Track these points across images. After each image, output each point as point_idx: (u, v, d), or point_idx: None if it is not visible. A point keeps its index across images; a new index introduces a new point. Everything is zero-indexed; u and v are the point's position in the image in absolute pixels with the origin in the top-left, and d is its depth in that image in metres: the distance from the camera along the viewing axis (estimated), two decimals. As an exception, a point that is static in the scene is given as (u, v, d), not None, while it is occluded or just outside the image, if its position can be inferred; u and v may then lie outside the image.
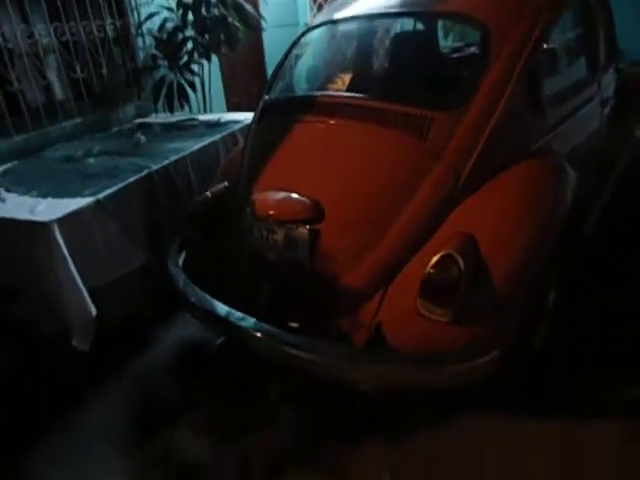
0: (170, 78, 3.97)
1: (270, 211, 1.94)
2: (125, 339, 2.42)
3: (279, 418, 1.98)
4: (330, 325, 1.81)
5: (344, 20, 2.52)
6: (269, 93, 2.47)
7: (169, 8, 3.97)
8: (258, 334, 1.78)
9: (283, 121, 2.21)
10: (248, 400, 2.05)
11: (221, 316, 1.90)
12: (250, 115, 2.59)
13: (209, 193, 2.33)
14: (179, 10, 3.93)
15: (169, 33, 3.94)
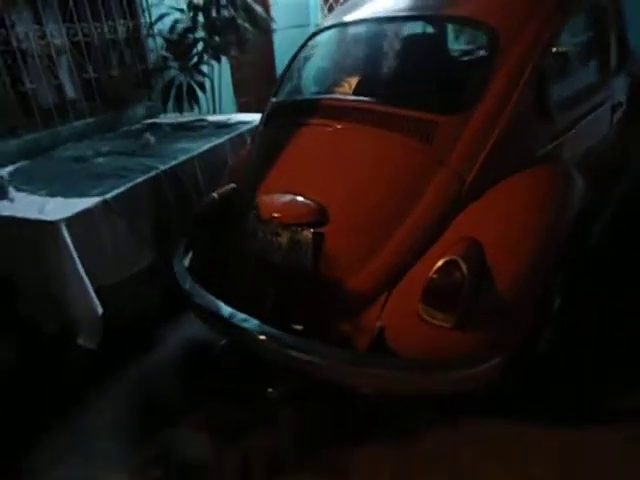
0: (180, 79, 3.99)
1: (275, 214, 1.94)
2: (132, 338, 2.43)
3: (279, 418, 1.99)
4: (333, 328, 1.81)
5: (353, 23, 2.52)
6: (276, 95, 2.48)
7: (180, 9, 3.99)
8: (261, 336, 1.78)
9: (290, 124, 2.22)
10: (248, 400, 2.06)
11: (224, 317, 1.91)
12: (259, 116, 2.60)
13: (216, 194, 2.33)
14: (190, 11, 3.94)
15: (179, 34, 3.95)
